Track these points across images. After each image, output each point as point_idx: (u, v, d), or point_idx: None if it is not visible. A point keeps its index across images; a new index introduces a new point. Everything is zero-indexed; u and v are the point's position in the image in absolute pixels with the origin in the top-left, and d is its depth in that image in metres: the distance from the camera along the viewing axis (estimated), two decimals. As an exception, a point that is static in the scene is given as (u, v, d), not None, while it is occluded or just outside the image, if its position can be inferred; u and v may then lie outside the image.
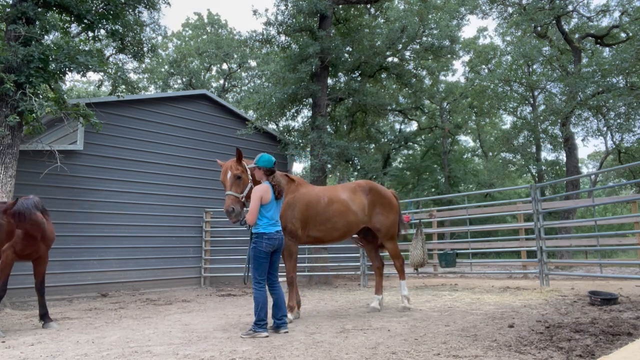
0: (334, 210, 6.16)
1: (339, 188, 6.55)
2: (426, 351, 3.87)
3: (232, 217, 5.16)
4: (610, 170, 18.81)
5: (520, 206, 11.58)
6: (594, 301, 6.12)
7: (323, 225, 6.12)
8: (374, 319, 5.76)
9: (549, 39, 18.77)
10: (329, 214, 6.13)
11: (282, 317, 5.02)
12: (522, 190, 27.84)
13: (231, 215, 5.15)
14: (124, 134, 11.03)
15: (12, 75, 7.64)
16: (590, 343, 3.84)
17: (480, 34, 27.73)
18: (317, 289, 10.45)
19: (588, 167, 37.05)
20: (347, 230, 6.35)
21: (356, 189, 6.52)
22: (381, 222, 6.50)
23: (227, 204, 5.19)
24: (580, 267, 11.81)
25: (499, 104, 23.34)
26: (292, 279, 5.91)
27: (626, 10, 17.19)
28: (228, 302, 8.35)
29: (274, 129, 14.56)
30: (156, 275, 11.08)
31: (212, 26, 29.92)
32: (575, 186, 16.75)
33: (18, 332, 5.64)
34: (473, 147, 32.99)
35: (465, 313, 5.95)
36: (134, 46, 10.32)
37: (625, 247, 10.88)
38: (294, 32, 13.53)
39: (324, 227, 6.13)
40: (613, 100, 14.63)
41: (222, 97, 26.65)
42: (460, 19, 20.83)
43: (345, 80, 15.11)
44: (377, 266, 6.92)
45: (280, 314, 5.02)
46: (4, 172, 7.82)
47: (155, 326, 5.73)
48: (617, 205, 30.71)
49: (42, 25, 8.40)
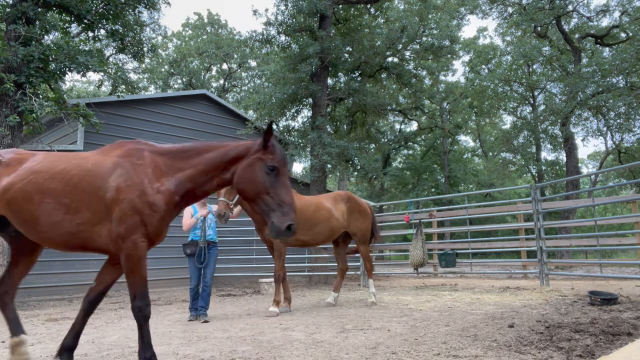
0: (320, 216, 6.91)
1: (322, 197, 7.44)
2: (426, 351, 3.87)
3: (222, 220, 5.92)
4: (610, 170, 18.79)
5: (520, 206, 11.57)
6: (594, 301, 6.12)
7: (310, 230, 6.80)
8: (374, 319, 5.76)
9: (549, 39, 18.78)
10: (316, 219, 6.85)
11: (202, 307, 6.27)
12: (522, 190, 27.85)
13: (222, 219, 5.90)
14: (124, 134, 11.03)
15: (12, 75, 7.64)
16: (590, 343, 3.84)
17: (480, 34, 27.76)
18: (317, 289, 10.45)
19: (588, 167, 37.08)
20: (330, 234, 7.14)
21: (337, 198, 7.37)
22: (358, 227, 7.38)
23: (219, 209, 5.97)
24: (580, 267, 11.80)
25: (499, 104, 23.34)
26: (279, 276, 6.68)
27: (626, 10, 17.19)
28: (228, 302, 8.35)
29: (274, 129, 14.54)
30: (156, 275, 11.08)
31: (212, 26, 29.93)
32: (575, 186, 16.75)
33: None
34: (473, 147, 33.01)
35: (465, 313, 5.94)
36: (134, 46, 10.33)
37: (625, 247, 10.88)
38: (294, 32, 13.53)
39: (311, 231, 6.83)
40: (613, 100, 14.63)
41: (222, 97, 26.66)
42: (460, 19, 20.85)
43: (345, 80, 15.10)
44: (341, 268, 7.66)
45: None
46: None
47: (155, 326, 5.73)
48: (617, 205, 30.72)
49: (42, 25, 8.40)
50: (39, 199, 3.14)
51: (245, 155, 3.20)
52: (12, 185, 3.22)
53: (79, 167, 3.20)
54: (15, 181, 3.22)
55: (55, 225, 3.13)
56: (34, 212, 3.15)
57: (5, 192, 3.24)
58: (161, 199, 3.12)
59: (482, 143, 30.34)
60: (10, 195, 3.21)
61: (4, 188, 3.25)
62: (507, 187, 20.44)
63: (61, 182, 3.15)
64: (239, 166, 3.19)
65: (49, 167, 3.23)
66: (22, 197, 3.17)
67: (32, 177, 3.20)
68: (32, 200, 3.14)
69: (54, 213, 3.12)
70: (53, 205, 3.12)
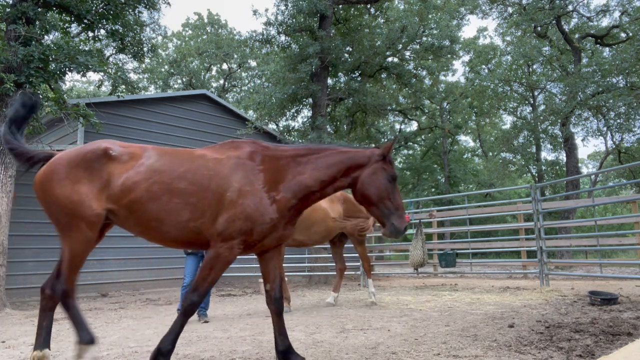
0: (317, 217, 6.95)
1: None
2: (426, 351, 3.87)
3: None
4: (610, 170, 18.79)
5: (520, 206, 11.58)
6: (594, 301, 6.12)
7: (307, 230, 6.87)
8: (374, 319, 5.76)
9: (549, 39, 18.77)
10: (312, 220, 6.87)
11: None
12: (522, 190, 27.86)
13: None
14: (124, 134, 11.03)
15: (12, 75, 7.63)
16: (590, 343, 3.84)
17: (480, 34, 27.75)
18: (317, 289, 10.45)
19: (588, 167, 37.06)
20: (326, 235, 7.26)
21: (333, 199, 7.37)
22: (354, 228, 7.37)
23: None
24: (580, 267, 11.80)
25: (499, 104, 23.34)
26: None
27: (626, 10, 17.18)
28: (228, 302, 8.34)
29: (274, 129, 14.55)
30: (156, 275, 11.08)
31: (212, 26, 29.92)
32: (575, 186, 16.75)
33: (18, 332, 5.63)
34: (473, 147, 33.01)
35: (465, 313, 5.94)
36: (134, 46, 10.32)
37: (625, 247, 10.89)
38: (294, 32, 13.53)
39: (308, 231, 6.91)
40: (613, 100, 14.63)
41: (222, 97, 26.66)
42: (460, 19, 20.85)
43: (345, 80, 15.11)
44: (340, 268, 7.67)
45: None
46: (4, 172, 7.82)
47: (155, 326, 5.73)
48: (617, 205, 30.72)
49: (42, 25, 8.39)
50: (167, 199, 3.12)
51: (366, 163, 3.42)
52: (135, 185, 3.12)
53: (205, 168, 3.22)
54: (138, 180, 3.13)
55: (180, 224, 3.13)
56: (159, 212, 3.11)
57: (127, 192, 3.12)
58: (275, 210, 3.19)
59: (482, 143, 30.34)
60: (135, 196, 3.11)
61: (126, 188, 3.12)
62: (507, 187, 20.43)
63: (189, 182, 3.16)
64: (362, 173, 3.40)
65: (171, 166, 3.21)
66: (148, 198, 3.11)
67: (157, 178, 3.15)
68: (160, 201, 3.12)
69: (182, 213, 3.12)
70: (181, 205, 3.12)
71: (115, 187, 3.13)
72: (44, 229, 9.53)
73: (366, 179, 3.37)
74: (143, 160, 3.23)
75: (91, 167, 3.17)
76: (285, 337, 3.42)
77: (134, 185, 3.12)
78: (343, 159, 3.42)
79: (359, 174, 3.40)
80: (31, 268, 9.30)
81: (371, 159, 3.43)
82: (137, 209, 3.12)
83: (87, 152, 3.23)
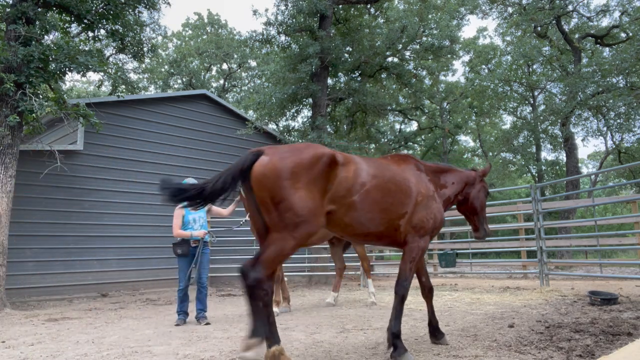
0: None
1: None
2: (426, 351, 3.87)
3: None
4: (610, 170, 18.77)
5: (520, 206, 11.58)
6: (594, 301, 6.12)
7: None
8: (374, 319, 5.76)
9: (549, 39, 18.76)
10: None
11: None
12: (522, 190, 27.85)
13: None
14: (124, 134, 11.03)
15: (12, 75, 7.63)
16: (590, 343, 3.84)
17: (480, 34, 27.72)
18: (317, 289, 10.45)
19: (588, 167, 37.04)
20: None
21: None
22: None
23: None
24: (580, 267, 11.80)
25: (499, 104, 23.34)
26: (278, 277, 6.75)
27: (626, 10, 17.18)
28: (228, 302, 8.35)
29: (274, 129, 14.56)
30: (156, 275, 11.08)
31: (212, 26, 29.91)
32: (575, 186, 16.75)
33: (18, 332, 5.63)
34: (473, 147, 32.98)
35: (465, 313, 5.94)
36: (134, 46, 10.31)
37: (625, 247, 10.88)
38: (294, 32, 13.52)
39: None
40: (613, 100, 14.62)
41: (222, 97, 26.66)
42: (460, 19, 20.83)
43: (345, 80, 15.10)
44: (339, 267, 7.70)
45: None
46: (4, 172, 7.82)
47: (155, 326, 5.73)
48: (617, 205, 30.70)
49: (42, 25, 8.39)
50: (381, 199, 3.53)
51: (473, 182, 4.43)
52: (360, 186, 3.42)
53: (400, 174, 3.75)
54: (363, 182, 3.44)
55: (388, 221, 3.57)
56: (375, 210, 3.49)
57: (352, 192, 3.37)
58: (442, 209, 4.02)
59: (482, 143, 30.32)
60: (359, 196, 3.40)
61: (351, 188, 3.37)
62: (507, 187, 20.42)
63: (396, 185, 3.64)
64: (473, 189, 4.41)
65: (380, 172, 3.62)
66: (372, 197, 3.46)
67: (375, 182, 3.52)
68: (377, 200, 3.50)
69: (391, 210, 3.58)
70: (392, 204, 3.58)
71: (341, 189, 3.34)
72: (44, 229, 9.54)
73: (476, 194, 4.41)
74: (361, 165, 3.55)
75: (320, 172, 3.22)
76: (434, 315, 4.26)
77: (360, 186, 3.44)
78: (464, 177, 4.38)
79: (470, 190, 4.40)
80: (31, 268, 9.30)
81: (476, 178, 4.44)
82: (360, 207, 3.42)
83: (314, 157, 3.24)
